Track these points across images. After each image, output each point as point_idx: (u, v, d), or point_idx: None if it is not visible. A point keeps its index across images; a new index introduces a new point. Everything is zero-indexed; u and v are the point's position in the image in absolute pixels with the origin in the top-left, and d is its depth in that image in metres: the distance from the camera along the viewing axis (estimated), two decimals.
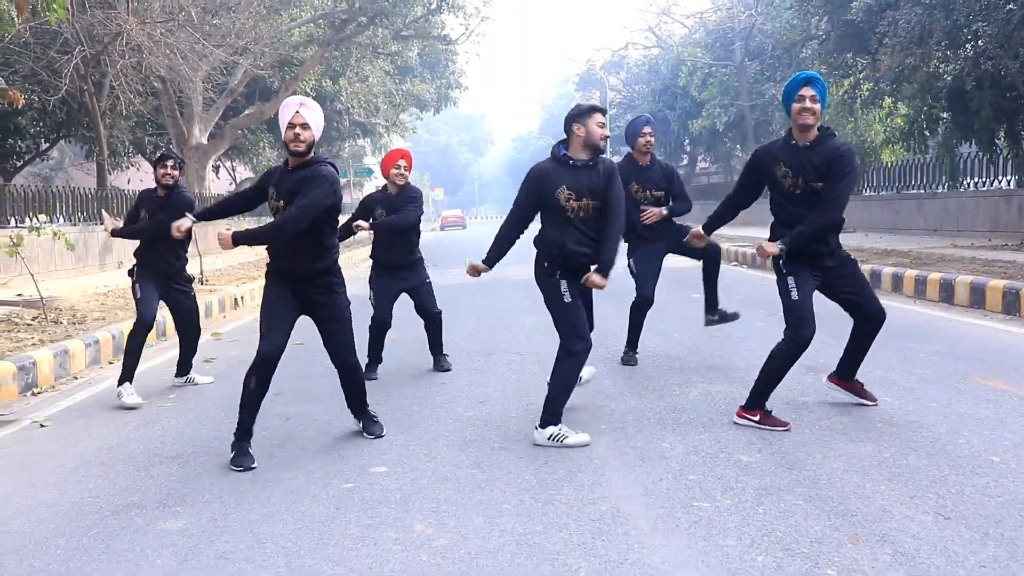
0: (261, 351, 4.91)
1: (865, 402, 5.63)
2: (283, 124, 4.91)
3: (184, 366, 7.27)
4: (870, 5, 18.79)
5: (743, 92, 36.48)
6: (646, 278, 7.30)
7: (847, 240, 7.53)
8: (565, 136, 5.23)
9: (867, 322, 5.45)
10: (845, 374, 5.70)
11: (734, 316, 7.53)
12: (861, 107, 23.25)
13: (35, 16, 11.98)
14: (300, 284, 5.06)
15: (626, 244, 7.27)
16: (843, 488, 4.09)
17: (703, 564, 3.34)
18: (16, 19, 11.16)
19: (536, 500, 4.12)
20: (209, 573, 3.48)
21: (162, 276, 6.88)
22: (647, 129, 7.24)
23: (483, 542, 3.64)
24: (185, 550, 3.70)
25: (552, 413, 5.09)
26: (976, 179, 20.16)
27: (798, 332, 5.14)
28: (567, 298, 5.13)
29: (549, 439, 5.02)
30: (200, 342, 7.38)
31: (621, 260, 5.53)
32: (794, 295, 5.18)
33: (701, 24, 43.09)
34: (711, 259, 7.30)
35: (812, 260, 5.24)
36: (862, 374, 6.14)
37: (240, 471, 4.78)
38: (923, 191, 21.44)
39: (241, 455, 4.89)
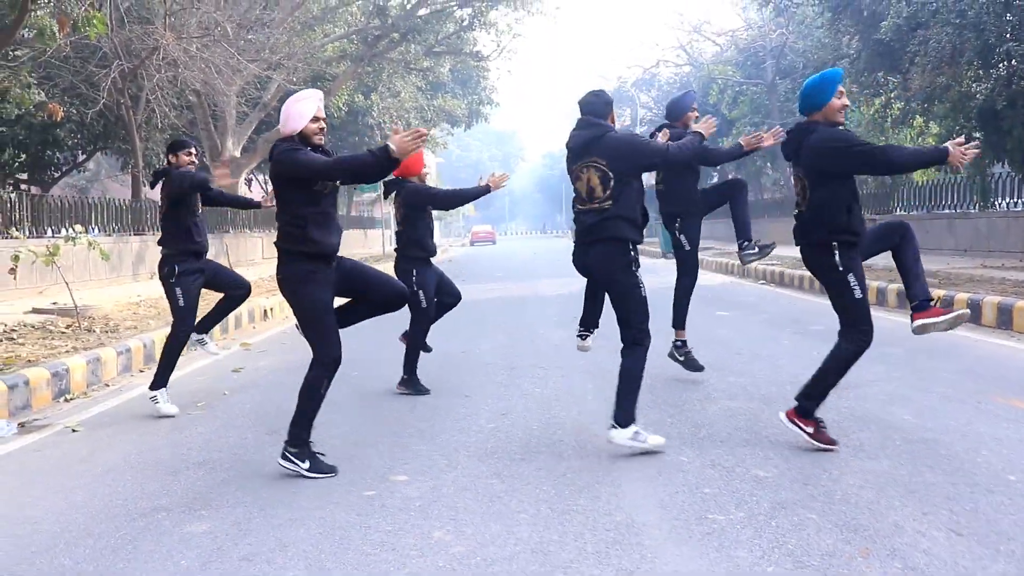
0: (334, 356, 4.91)
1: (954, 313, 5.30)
2: (304, 116, 4.83)
3: (209, 325, 7.21)
4: (900, 25, 18.75)
5: (774, 110, 36.41)
6: (696, 251, 7.42)
7: (877, 260, 7.47)
8: (601, 118, 5.26)
9: (903, 241, 5.21)
10: (922, 306, 5.28)
11: (771, 246, 7.31)
12: (892, 126, 23.15)
13: (76, 31, 12.24)
14: (330, 267, 5.03)
15: (677, 220, 7.30)
16: (857, 503, 4.12)
17: (713, 574, 3.40)
18: (58, 34, 11.42)
19: (553, 510, 4.19)
20: (232, 574, 3.58)
21: (200, 258, 6.85)
22: (695, 106, 7.47)
23: (499, 549, 3.71)
24: (209, 552, 3.81)
25: (628, 410, 5.10)
26: (1008, 199, 19.97)
27: (864, 330, 4.98)
28: (644, 291, 5.19)
29: (632, 437, 5.07)
30: (229, 353, 7.49)
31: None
32: (857, 293, 4.97)
33: (733, 42, 43.06)
34: (740, 191, 7.44)
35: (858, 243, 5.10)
36: (885, 392, 6.18)
37: (332, 476, 4.86)
38: (954, 211, 21.29)
39: (320, 460, 4.96)
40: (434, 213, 7.66)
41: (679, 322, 7.45)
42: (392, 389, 7.20)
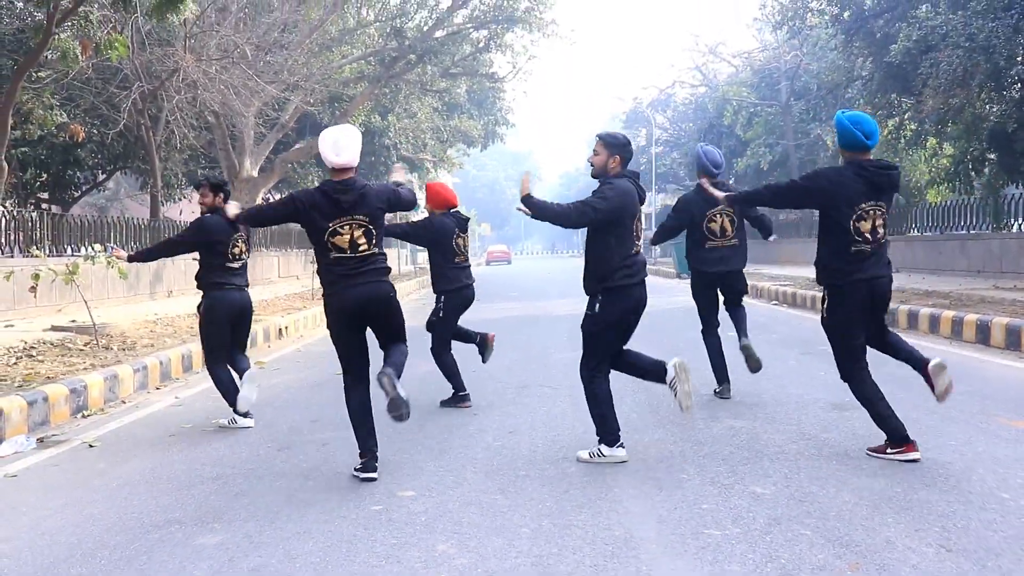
0: None
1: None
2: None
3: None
4: (909, 48, 18.83)
5: (788, 131, 36.53)
6: None
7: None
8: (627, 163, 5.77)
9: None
10: None
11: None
12: (905, 147, 23.22)
13: (98, 54, 12.54)
14: None
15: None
16: (851, 520, 4.21)
17: None
18: (80, 56, 11.70)
19: (554, 525, 4.30)
20: None
21: None
22: None
23: (500, 562, 3.83)
24: (220, 563, 3.94)
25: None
26: (1021, 220, 19.98)
27: None
28: None
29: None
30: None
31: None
32: None
33: (748, 64, 43.26)
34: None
35: None
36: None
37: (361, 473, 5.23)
38: (967, 232, 21.29)
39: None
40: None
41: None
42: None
